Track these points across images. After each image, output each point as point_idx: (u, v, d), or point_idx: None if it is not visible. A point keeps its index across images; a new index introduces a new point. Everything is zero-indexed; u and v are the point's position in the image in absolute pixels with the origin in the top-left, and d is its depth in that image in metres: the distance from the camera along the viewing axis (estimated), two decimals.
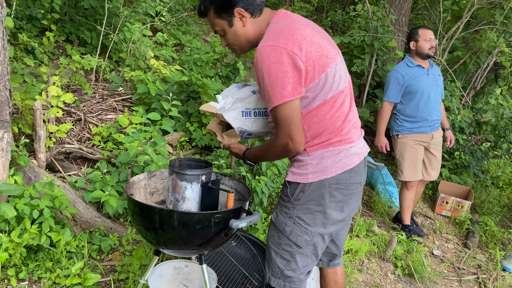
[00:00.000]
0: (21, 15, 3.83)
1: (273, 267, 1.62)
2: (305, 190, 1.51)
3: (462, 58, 4.85)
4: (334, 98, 1.48)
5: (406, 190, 3.33)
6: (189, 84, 3.63)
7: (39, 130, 2.55)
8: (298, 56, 1.37)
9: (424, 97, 3.12)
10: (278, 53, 1.36)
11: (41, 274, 2.13)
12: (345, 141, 1.51)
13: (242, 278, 2.26)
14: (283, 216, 1.57)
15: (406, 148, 3.22)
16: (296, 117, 1.40)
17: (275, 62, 1.36)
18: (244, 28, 1.50)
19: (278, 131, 1.44)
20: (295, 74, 1.37)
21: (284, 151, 1.47)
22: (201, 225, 1.57)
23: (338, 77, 1.49)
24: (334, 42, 1.58)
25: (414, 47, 3.16)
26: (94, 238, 2.43)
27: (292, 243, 1.56)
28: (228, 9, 1.47)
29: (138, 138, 2.69)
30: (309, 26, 1.48)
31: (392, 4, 5.31)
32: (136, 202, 1.60)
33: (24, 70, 3.14)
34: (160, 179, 1.97)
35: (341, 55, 1.59)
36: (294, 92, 1.38)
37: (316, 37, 1.45)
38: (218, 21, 1.50)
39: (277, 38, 1.39)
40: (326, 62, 1.44)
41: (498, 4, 4.85)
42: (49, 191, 2.23)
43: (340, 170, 1.49)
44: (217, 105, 1.67)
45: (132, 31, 3.82)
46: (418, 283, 2.82)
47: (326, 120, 1.48)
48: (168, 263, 2.03)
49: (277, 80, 1.37)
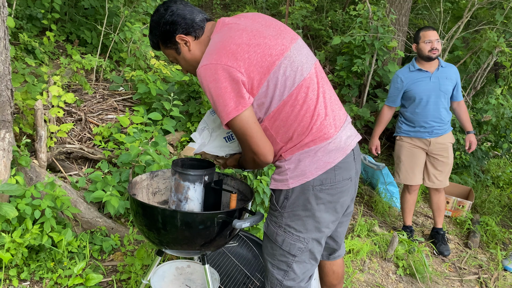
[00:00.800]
0: (21, 15, 3.82)
1: (271, 279, 1.56)
2: (289, 196, 1.43)
3: (462, 58, 4.85)
4: (292, 96, 1.38)
5: (407, 193, 3.28)
6: (190, 84, 3.63)
7: (40, 130, 2.55)
8: (235, 68, 1.31)
9: (422, 103, 3.04)
10: (212, 71, 1.31)
11: (43, 274, 2.13)
12: (319, 138, 1.41)
13: (244, 278, 2.26)
14: (273, 226, 1.50)
15: (402, 150, 3.17)
16: (251, 130, 1.34)
17: (212, 81, 1.31)
18: (191, 53, 1.48)
19: (242, 147, 1.42)
20: (235, 87, 1.31)
21: (255, 164, 1.43)
22: (204, 225, 1.56)
23: (292, 71, 1.38)
24: (288, 32, 1.47)
25: (416, 50, 3.09)
26: (95, 238, 2.43)
27: (286, 252, 1.49)
28: (171, 38, 1.46)
29: (139, 138, 2.69)
30: (247, 28, 1.39)
31: (393, 4, 5.31)
32: (139, 202, 1.60)
33: (25, 70, 3.14)
34: (162, 179, 1.96)
35: (298, 42, 1.46)
36: (238, 106, 1.32)
37: (256, 38, 1.37)
38: (168, 51, 1.52)
39: (210, 55, 1.34)
40: (271, 60, 1.35)
41: (498, 4, 4.85)
42: (51, 191, 2.23)
43: (321, 170, 1.39)
44: (195, 144, 1.67)
45: (133, 31, 3.81)
46: (419, 283, 2.82)
47: (292, 121, 1.39)
48: (170, 263, 2.03)
49: (218, 99, 1.32)
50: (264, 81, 1.35)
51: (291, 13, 6.02)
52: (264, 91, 1.36)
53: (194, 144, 1.68)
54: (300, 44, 1.48)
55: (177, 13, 1.44)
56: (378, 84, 5.07)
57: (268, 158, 1.39)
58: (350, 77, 4.77)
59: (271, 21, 1.47)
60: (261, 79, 1.34)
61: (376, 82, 4.92)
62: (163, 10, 1.46)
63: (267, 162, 1.40)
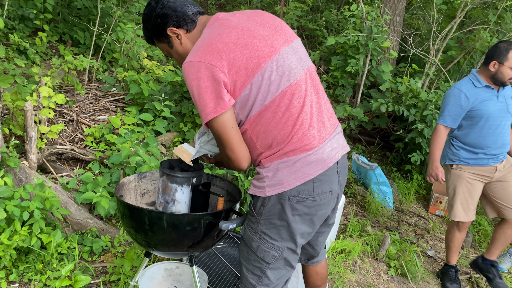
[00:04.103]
0: (13, 15, 3.81)
1: (245, 283, 1.54)
2: (265, 204, 1.39)
3: (456, 58, 4.87)
4: (275, 102, 1.33)
5: (457, 231, 2.78)
6: (183, 85, 3.62)
7: (30, 131, 2.54)
8: (217, 67, 1.27)
9: (492, 125, 2.57)
10: (196, 69, 1.28)
11: (32, 276, 2.12)
12: (300, 149, 1.35)
13: (234, 279, 2.26)
14: (250, 231, 1.47)
15: (461, 182, 2.67)
16: (227, 134, 1.31)
17: (194, 79, 1.28)
18: (182, 46, 1.46)
19: (219, 149, 1.39)
20: (215, 88, 1.27)
21: (230, 167, 1.41)
22: (191, 227, 1.56)
23: (277, 76, 1.32)
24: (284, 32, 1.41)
25: (494, 69, 2.51)
26: (85, 239, 2.42)
27: (260, 259, 1.46)
28: (163, 31, 1.44)
29: (130, 139, 2.68)
30: (239, 26, 1.35)
31: (387, 4, 5.32)
32: (125, 203, 1.60)
33: (15, 70, 3.12)
34: (150, 180, 1.96)
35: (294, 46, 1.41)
36: (216, 107, 1.28)
37: (245, 37, 1.32)
38: (161, 45, 1.50)
39: (196, 52, 1.30)
40: (257, 63, 1.30)
41: (492, 4, 4.87)
42: (40, 192, 2.22)
43: (299, 181, 1.34)
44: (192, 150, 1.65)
45: (125, 31, 3.80)
46: (411, 283, 2.83)
47: (272, 128, 1.34)
48: (159, 265, 2.02)
49: (199, 98, 1.29)
50: (248, 83, 1.30)
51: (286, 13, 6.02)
52: (247, 94, 1.32)
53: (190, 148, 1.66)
54: (294, 47, 1.41)
55: (168, 6, 1.42)
56: (372, 84, 5.07)
57: (242, 165, 1.36)
58: (344, 77, 4.78)
59: (268, 19, 1.42)
60: (244, 81, 1.30)
61: (370, 82, 4.93)
62: (154, 3, 1.44)
63: (241, 168, 1.37)
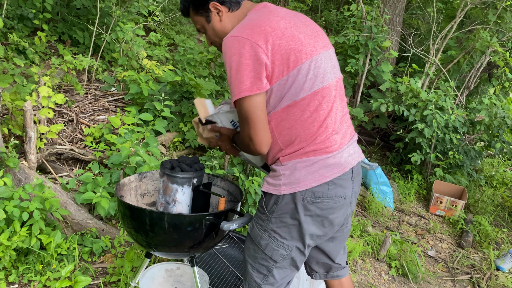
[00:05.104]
0: (12, 15, 3.79)
1: (250, 281, 1.53)
2: (278, 202, 1.40)
3: (455, 58, 4.86)
4: (306, 100, 1.34)
5: None
6: (182, 84, 3.61)
7: (30, 131, 2.52)
8: (262, 49, 1.27)
9: None
10: (240, 44, 1.27)
11: (31, 277, 2.11)
12: (321, 150, 1.36)
13: (235, 280, 2.25)
14: (259, 229, 1.47)
15: None
16: (256, 115, 1.30)
17: (236, 54, 1.28)
18: (221, 23, 1.44)
19: (241, 129, 1.37)
20: (256, 68, 1.27)
21: (248, 150, 1.39)
22: (192, 227, 1.55)
23: (313, 75, 1.34)
24: (324, 38, 1.44)
25: None
26: (85, 240, 2.40)
27: (267, 257, 1.46)
28: (204, 4, 1.42)
29: (130, 139, 2.67)
30: (287, 18, 1.36)
31: (386, 4, 5.31)
32: (126, 204, 1.59)
33: (14, 70, 3.11)
34: (151, 181, 1.95)
35: (330, 53, 1.44)
36: (252, 87, 1.27)
37: (292, 30, 1.33)
38: (197, 18, 1.47)
39: (244, 28, 1.30)
40: (299, 57, 1.31)
41: (491, 4, 4.86)
42: (39, 192, 2.21)
43: (315, 182, 1.35)
44: (212, 109, 1.59)
45: (125, 31, 3.79)
46: (411, 283, 2.82)
47: (298, 126, 1.35)
48: (160, 265, 2.01)
49: (236, 73, 1.28)
50: (286, 74, 1.30)
51: None
52: (282, 84, 1.31)
53: (210, 107, 1.60)
54: (331, 54, 1.45)
55: None
56: (372, 84, 5.07)
57: (262, 149, 1.35)
58: (344, 77, 4.77)
59: (310, 22, 1.45)
60: (282, 71, 1.30)
61: (370, 82, 4.92)
62: None
63: (260, 152, 1.36)
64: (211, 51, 4.16)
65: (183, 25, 5.88)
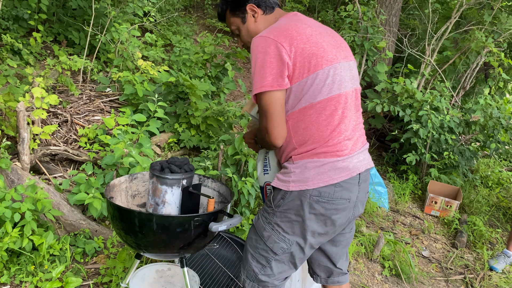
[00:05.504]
0: (8, 16, 3.79)
1: (248, 270, 1.61)
2: (285, 197, 1.48)
3: (451, 58, 4.87)
4: (322, 104, 1.43)
5: None
6: (177, 85, 3.61)
7: (23, 132, 2.53)
8: (286, 50, 1.38)
9: None
10: (267, 44, 1.39)
11: (23, 278, 2.11)
12: (332, 153, 1.44)
13: (228, 280, 2.25)
14: (263, 221, 1.55)
15: None
16: (275, 110, 1.39)
17: (262, 52, 1.39)
18: (255, 24, 1.57)
19: (259, 122, 1.46)
20: (279, 66, 1.38)
21: (264, 142, 1.48)
22: (181, 229, 1.56)
23: (331, 82, 1.43)
24: (346, 50, 1.55)
25: None
26: (78, 240, 2.41)
27: (268, 248, 1.54)
28: (241, 6, 1.56)
29: (123, 140, 2.67)
30: (313, 27, 1.48)
31: (383, 5, 5.32)
32: (115, 205, 1.59)
33: (8, 71, 3.11)
34: (142, 182, 1.95)
35: (351, 64, 1.54)
36: (273, 83, 1.38)
37: (316, 37, 1.44)
38: (233, 19, 1.60)
39: (272, 31, 1.42)
40: (320, 62, 1.41)
41: (487, 5, 4.87)
42: (32, 194, 2.21)
43: (323, 183, 1.43)
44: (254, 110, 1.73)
45: (120, 32, 3.79)
46: (405, 283, 2.83)
47: (312, 127, 1.43)
48: (150, 266, 2.02)
49: (260, 69, 1.38)
50: (305, 76, 1.40)
51: None
52: (302, 85, 1.41)
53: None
54: (351, 65, 1.54)
55: None
56: (368, 84, 5.07)
57: (277, 141, 1.43)
58: None
59: (335, 34, 1.57)
60: (303, 73, 1.40)
61: (365, 83, 4.93)
62: None
63: (275, 144, 1.44)
64: (206, 52, 4.17)
65: (179, 26, 5.88)
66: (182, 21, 6.14)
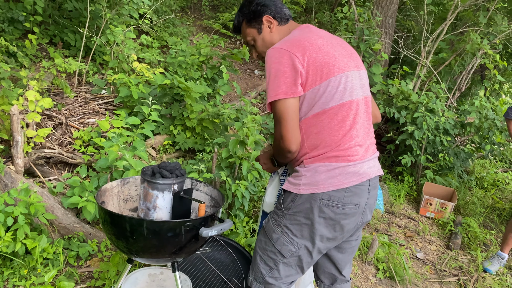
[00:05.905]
0: (3, 18, 3.79)
1: (256, 271, 1.63)
2: (295, 200, 1.50)
3: (447, 60, 4.88)
4: (334, 110, 1.47)
5: None
6: (173, 87, 3.61)
7: (16, 135, 2.53)
8: (299, 59, 1.43)
9: None
10: (280, 54, 1.45)
11: (16, 282, 2.11)
12: (342, 158, 1.47)
13: (221, 283, 2.26)
14: (273, 223, 1.58)
15: None
16: (289, 116, 1.43)
17: (276, 62, 1.44)
18: (271, 34, 1.63)
19: (274, 129, 1.49)
20: (292, 75, 1.43)
21: (279, 150, 1.50)
22: (172, 233, 1.56)
23: (343, 89, 1.48)
24: (357, 60, 1.60)
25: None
26: (72, 244, 2.41)
27: (277, 251, 1.56)
28: (258, 17, 1.63)
29: (117, 143, 2.68)
30: (325, 38, 1.54)
31: (379, 6, 5.33)
32: (106, 210, 1.59)
33: (2, 74, 3.11)
34: (134, 186, 1.96)
35: (361, 73, 1.59)
36: (288, 91, 1.42)
37: (328, 47, 1.50)
38: (250, 30, 1.66)
39: (285, 42, 1.48)
40: (332, 70, 1.47)
41: (482, 6, 4.88)
42: (25, 197, 2.21)
43: (333, 187, 1.46)
44: None
45: (115, 34, 3.79)
46: (398, 285, 2.84)
47: (324, 132, 1.47)
48: (143, 270, 2.02)
49: (274, 79, 1.44)
50: (318, 84, 1.45)
51: None
52: (315, 92, 1.46)
53: None
54: (362, 74, 1.59)
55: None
56: None
57: (291, 147, 1.45)
58: None
59: (346, 45, 1.62)
60: (315, 81, 1.45)
61: None
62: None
63: (289, 149, 1.46)
64: (202, 54, 4.17)
65: (176, 27, 5.88)
66: (179, 22, 6.14)
